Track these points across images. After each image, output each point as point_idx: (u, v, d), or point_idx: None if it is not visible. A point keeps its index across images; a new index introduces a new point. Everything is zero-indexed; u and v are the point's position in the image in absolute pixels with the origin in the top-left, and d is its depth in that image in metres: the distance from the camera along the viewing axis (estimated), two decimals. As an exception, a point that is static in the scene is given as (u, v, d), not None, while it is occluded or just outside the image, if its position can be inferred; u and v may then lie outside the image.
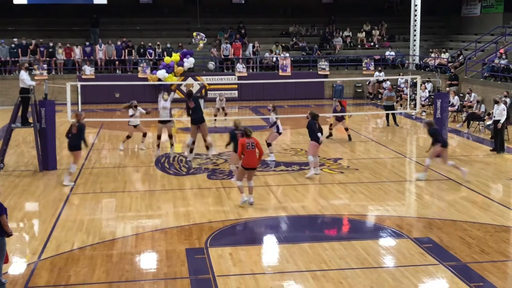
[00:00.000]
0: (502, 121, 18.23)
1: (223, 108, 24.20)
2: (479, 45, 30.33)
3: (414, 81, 26.17)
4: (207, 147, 17.60)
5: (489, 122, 20.41)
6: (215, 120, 23.80)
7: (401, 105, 26.84)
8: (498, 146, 18.42)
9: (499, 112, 18.31)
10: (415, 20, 33.20)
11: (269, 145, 17.38)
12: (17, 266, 9.85)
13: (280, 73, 31.67)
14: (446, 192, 14.17)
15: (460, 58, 30.37)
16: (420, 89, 23.68)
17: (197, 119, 17.02)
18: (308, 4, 37.11)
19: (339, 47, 34.42)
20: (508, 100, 21.38)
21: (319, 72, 32.03)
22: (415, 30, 33.36)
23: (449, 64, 30.22)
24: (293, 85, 29.26)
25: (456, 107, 24.34)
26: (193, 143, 17.34)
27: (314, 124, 15.20)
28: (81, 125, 14.90)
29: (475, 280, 9.22)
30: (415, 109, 20.84)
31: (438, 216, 12.33)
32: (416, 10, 33.09)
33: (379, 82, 31.09)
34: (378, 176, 15.76)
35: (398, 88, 30.12)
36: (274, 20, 36.23)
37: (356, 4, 36.82)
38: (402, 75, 29.89)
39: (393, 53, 33.77)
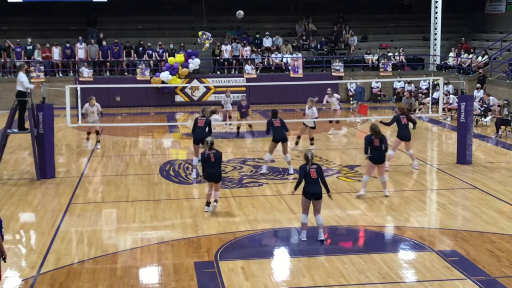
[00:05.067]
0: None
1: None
2: (505, 44, 30.29)
3: (435, 83, 26.19)
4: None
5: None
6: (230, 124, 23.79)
7: (420, 110, 26.81)
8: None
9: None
10: (436, 18, 33.20)
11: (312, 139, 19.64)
12: (15, 281, 9.89)
13: (291, 74, 31.71)
14: (471, 201, 14.14)
15: (485, 58, 30.33)
16: (443, 92, 23.67)
17: (279, 138, 16.83)
18: (321, 1, 37.18)
19: (353, 47, 34.46)
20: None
21: (333, 74, 32.03)
22: (435, 29, 33.36)
23: (473, 65, 30.18)
24: (305, 87, 29.27)
25: (496, 107, 24.16)
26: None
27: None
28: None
29: (505, 295, 9.22)
30: (439, 113, 20.93)
31: (463, 227, 12.31)
32: (436, 7, 33.08)
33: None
34: (398, 184, 15.75)
35: (420, 91, 30.15)
36: (284, 18, 36.30)
37: (371, 0, 36.92)
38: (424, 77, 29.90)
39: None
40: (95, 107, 20.18)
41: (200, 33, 30.10)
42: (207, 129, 16.08)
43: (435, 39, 33.49)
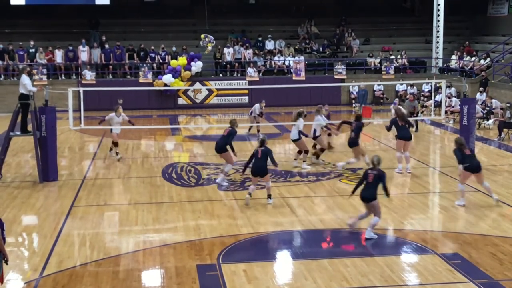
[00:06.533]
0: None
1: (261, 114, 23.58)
2: (507, 47, 30.27)
3: (437, 85, 26.18)
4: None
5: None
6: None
7: (422, 112, 26.80)
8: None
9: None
10: (438, 21, 33.18)
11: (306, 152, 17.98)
12: (17, 284, 9.89)
13: (294, 77, 31.73)
14: (474, 204, 14.10)
15: (487, 61, 30.31)
16: (446, 95, 23.65)
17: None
18: (323, 3, 37.21)
19: (355, 49, 34.45)
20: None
21: (335, 76, 32.05)
22: (438, 31, 33.34)
23: (475, 68, 30.16)
24: (307, 90, 29.28)
25: (499, 110, 24.13)
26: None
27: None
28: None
29: (508, 299, 9.20)
30: (442, 116, 20.94)
31: (466, 230, 12.29)
32: (439, 10, 33.06)
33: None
34: (400, 187, 15.74)
35: (422, 94, 30.13)
36: (286, 21, 36.33)
37: (373, 3, 36.90)
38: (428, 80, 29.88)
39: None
40: (121, 117, 19.22)
41: (202, 36, 30.19)
42: (228, 139, 15.85)
43: (437, 42, 33.46)
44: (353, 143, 17.19)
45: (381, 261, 10.60)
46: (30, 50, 31.10)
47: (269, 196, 14.10)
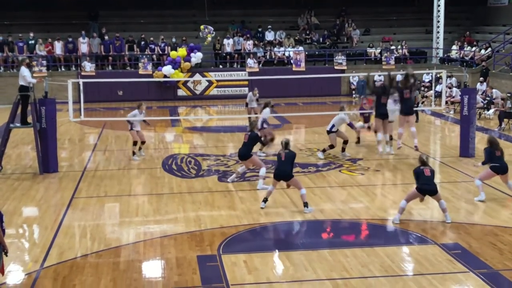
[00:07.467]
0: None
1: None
2: (508, 37, 30.22)
3: (438, 76, 26.15)
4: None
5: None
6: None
7: (423, 103, 26.78)
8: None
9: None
10: (439, 11, 33.11)
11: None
12: (18, 275, 9.92)
13: (294, 68, 31.69)
14: (474, 194, 14.10)
15: (488, 51, 30.26)
16: (447, 85, 23.63)
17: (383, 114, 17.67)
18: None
19: (356, 40, 34.39)
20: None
21: (336, 67, 32.01)
22: (438, 22, 33.26)
23: (476, 58, 30.12)
24: (307, 81, 29.23)
25: (499, 100, 24.11)
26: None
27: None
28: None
29: (508, 288, 9.22)
30: (442, 106, 20.94)
31: (466, 220, 12.31)
32: (439, 0, 32.98)
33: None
34: (401, 177, 15.75)
35: (422, 84, 30.09)
36: (286, 11, 36.25)
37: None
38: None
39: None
40: (143, 114, 18.30)
41: (202, 27, 30.13)
42: (251, 144, 14.99)
43: (438, 32, 33.40)
44: None
45: (381, 251, 10.63)
46: (30, 42, 31.08)
47: (305, 205, 12.88)
